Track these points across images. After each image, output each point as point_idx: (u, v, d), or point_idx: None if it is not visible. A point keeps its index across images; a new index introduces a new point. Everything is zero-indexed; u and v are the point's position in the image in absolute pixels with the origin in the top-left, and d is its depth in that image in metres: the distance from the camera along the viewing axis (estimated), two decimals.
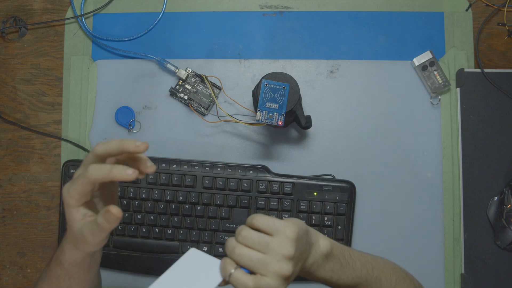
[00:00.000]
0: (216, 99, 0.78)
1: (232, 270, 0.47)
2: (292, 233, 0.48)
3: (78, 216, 0.49)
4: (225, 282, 0.49)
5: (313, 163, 0.77)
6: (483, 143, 0.75)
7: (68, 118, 0.79)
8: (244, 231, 0.49)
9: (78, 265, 0.54)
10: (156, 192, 0.74)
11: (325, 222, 0.73)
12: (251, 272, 0.48)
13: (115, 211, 0.47)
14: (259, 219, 0.49)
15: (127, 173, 0.47)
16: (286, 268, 0.47)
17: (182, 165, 0.74)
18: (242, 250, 0.48)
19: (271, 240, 0.48)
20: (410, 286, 0.57)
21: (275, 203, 0.74)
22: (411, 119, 0.77)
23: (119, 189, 0.71)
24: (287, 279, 0.47)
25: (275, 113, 0.68)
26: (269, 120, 0.68)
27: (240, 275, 0.47)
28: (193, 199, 0.74)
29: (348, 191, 0.74)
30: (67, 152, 0.79)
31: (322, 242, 0.51)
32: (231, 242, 0.49)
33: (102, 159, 0.50)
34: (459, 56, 0.77)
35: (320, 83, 0.78)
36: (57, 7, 0.81)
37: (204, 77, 0.77)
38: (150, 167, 0.50)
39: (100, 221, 0.48)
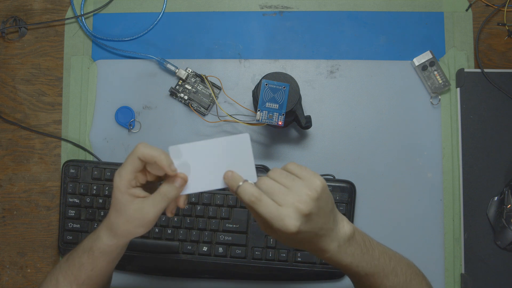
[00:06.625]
0: (216, 99, 0.78)
1: (241, 183, 0.48)
2: (321, 181, 0.48)
3: (130, 197, 0.51)
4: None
5: (313, 163, 0.77)
6: (483, 143, 0.75)
7: (68, 118, 0.79)
8: (275, 169, 0.49)
9: (108, 253, 0.55)
10: None
11: None
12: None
13: (182, 175, 0.50)
14: (292, 164, 0.50)
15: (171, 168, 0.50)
16: (306, 204, 0.46)
17: None
18: (267, 181, 0.48)
19: (299, 180, 0.48)
20: (423, 282, 0.57)
21: None
22: (411, 119, 0.77)
23: None
24: (304, 216, 0.46)
25: (275, 113, 0.68)
26: (269, 120, 0.68)
27: (248, 185, 0.47)
28: (193, 199, 0.74)
29: (348, 191, 0.74)
30: (67, 152, 0.79)
31: (346, 225, 0.51)
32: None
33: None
34: (459, 56, 0.77)
35: (320, 83, 0.78)
36: (57, 7, 0.81)
37: (204, 77, 0.77)
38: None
39: (165, 189, 0.50)
